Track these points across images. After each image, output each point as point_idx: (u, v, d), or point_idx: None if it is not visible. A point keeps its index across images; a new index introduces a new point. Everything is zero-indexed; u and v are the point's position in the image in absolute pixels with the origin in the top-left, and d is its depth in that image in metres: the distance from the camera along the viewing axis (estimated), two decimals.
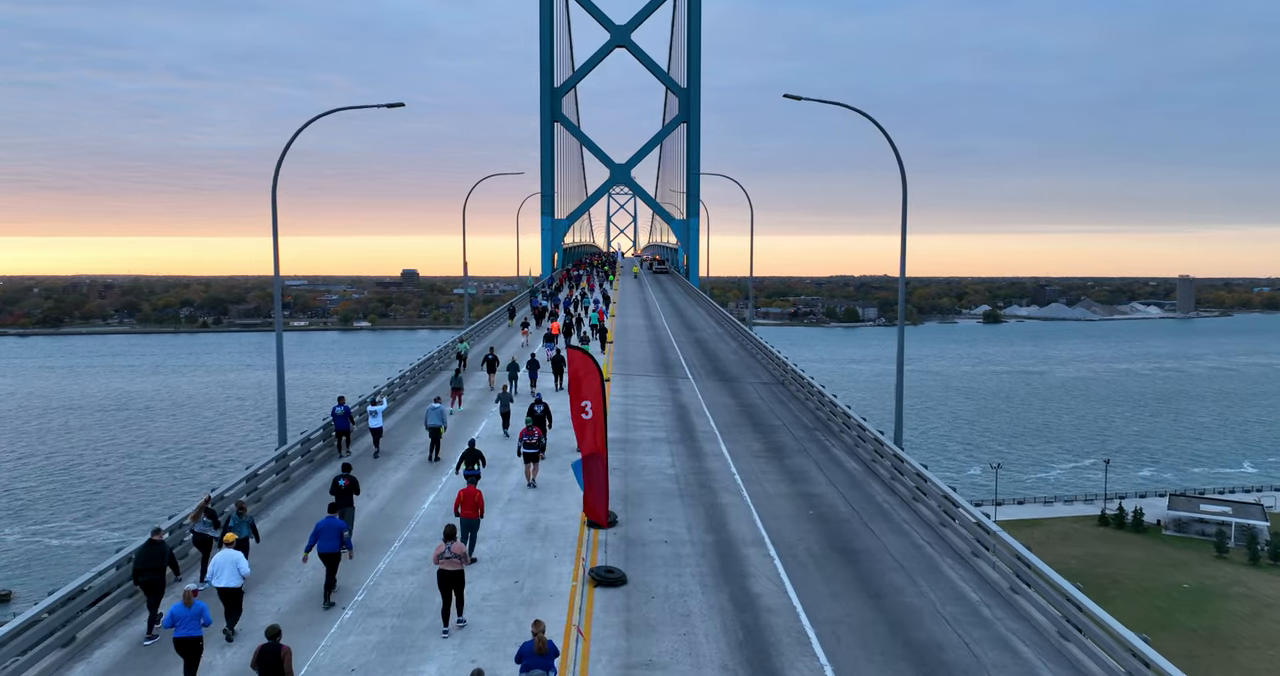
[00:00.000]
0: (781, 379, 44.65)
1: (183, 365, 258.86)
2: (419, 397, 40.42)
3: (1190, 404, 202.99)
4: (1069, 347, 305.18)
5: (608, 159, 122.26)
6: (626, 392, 40.96)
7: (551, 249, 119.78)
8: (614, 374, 45.68)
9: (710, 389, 42.46)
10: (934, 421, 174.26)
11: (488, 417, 35.98)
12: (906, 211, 30.51)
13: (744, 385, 43.76)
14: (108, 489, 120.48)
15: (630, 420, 35.13)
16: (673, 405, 38.44)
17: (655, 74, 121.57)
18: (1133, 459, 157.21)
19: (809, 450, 31.06)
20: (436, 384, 43.64)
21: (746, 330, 59.62)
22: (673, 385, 43.42)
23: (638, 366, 48.86)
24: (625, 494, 25.30)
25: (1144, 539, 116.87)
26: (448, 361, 49.94)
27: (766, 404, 39.08)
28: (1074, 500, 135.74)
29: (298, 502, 25.07)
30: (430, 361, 46.36)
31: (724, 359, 52.51)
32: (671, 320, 74.15)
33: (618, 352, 54.22)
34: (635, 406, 37.80)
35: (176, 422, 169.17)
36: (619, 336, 62.35)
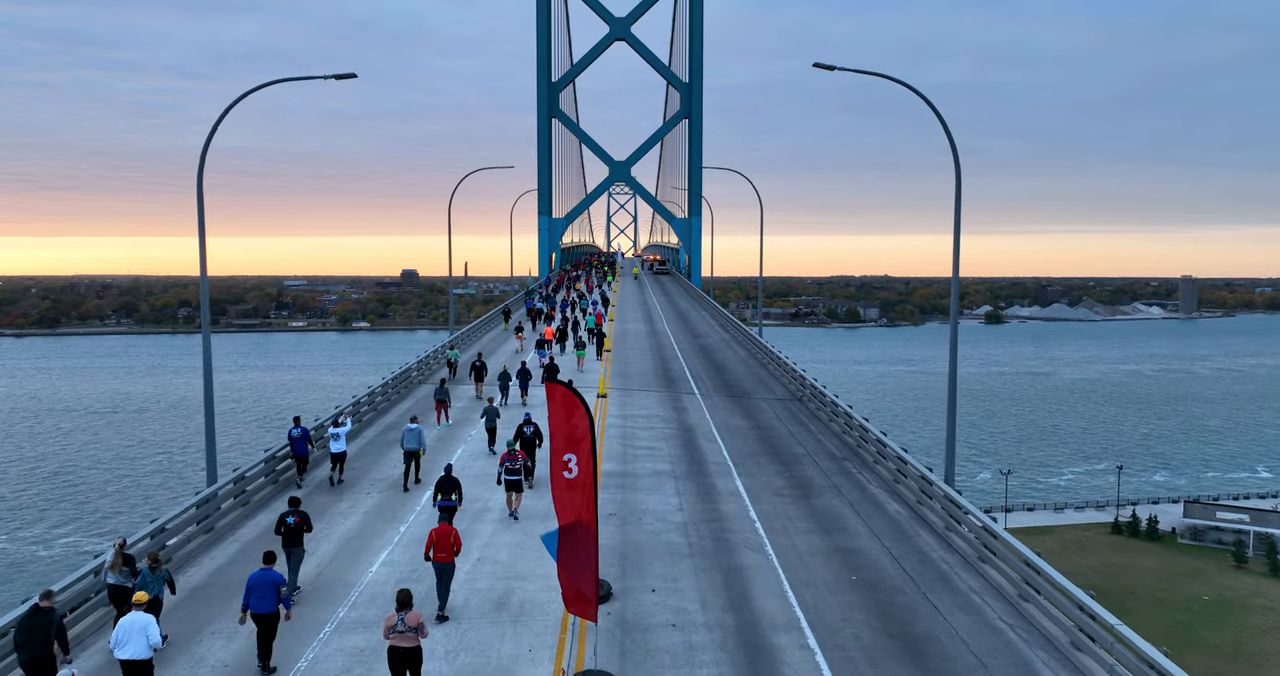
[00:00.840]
0: (799, 394, 39.69)
1: (179, 366, 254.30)
2: (390, 418, 35.41)
3: (1200, 406, 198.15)
4: (1073, 348, 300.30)
5: (607, 156, 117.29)
6: (625, 411, 36.00)
7: (549, 249, 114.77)
8: (611, 388, 40.74)
9: (719, 407, 37.47)
10: (940, 424, 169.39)
11: (473, 433, 31.94)
12: (960, 192, 25.58)
13: (757, 402, 38.78)
14: (99, 494, 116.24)
15: (629, 447, 30.16)
16: (678, 427, 33.45)
17: (656, 68, 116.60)
18: (1144, 463, 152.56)
19: (841, 488, 26.06)
20: (412, 401, 38.66)
21: (755, 337, 54.66)
22: (677, 402, 38.44)
23: (638, 379, 43.89)
24: (623, 551, 20.35)
25: (1159, 547, 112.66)
26: (428, 374, 45.02)
27: (785, 426, 34.07)
28: (1085, 506, 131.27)
29: (236, 548, 20.11)
30: (407, 374, 41.33)
31: (733, 370, 47.51)
32: (674, 324, 69.15)
33: (616, 362, 49.28)
34: (635, 429, 32.82)
35: (169, 425, 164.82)
36: (618, 342, 57.40)
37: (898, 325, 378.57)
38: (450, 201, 55.36)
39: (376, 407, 35.86)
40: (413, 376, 42.08)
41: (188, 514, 20.67)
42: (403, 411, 36.17)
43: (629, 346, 55.62)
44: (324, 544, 20.87)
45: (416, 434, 25.78)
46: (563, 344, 54.97)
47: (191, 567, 19.74)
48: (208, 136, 23.20)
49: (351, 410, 32.03)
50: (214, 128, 22.88)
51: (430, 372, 45.60)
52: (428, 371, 45.30)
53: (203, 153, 23.35)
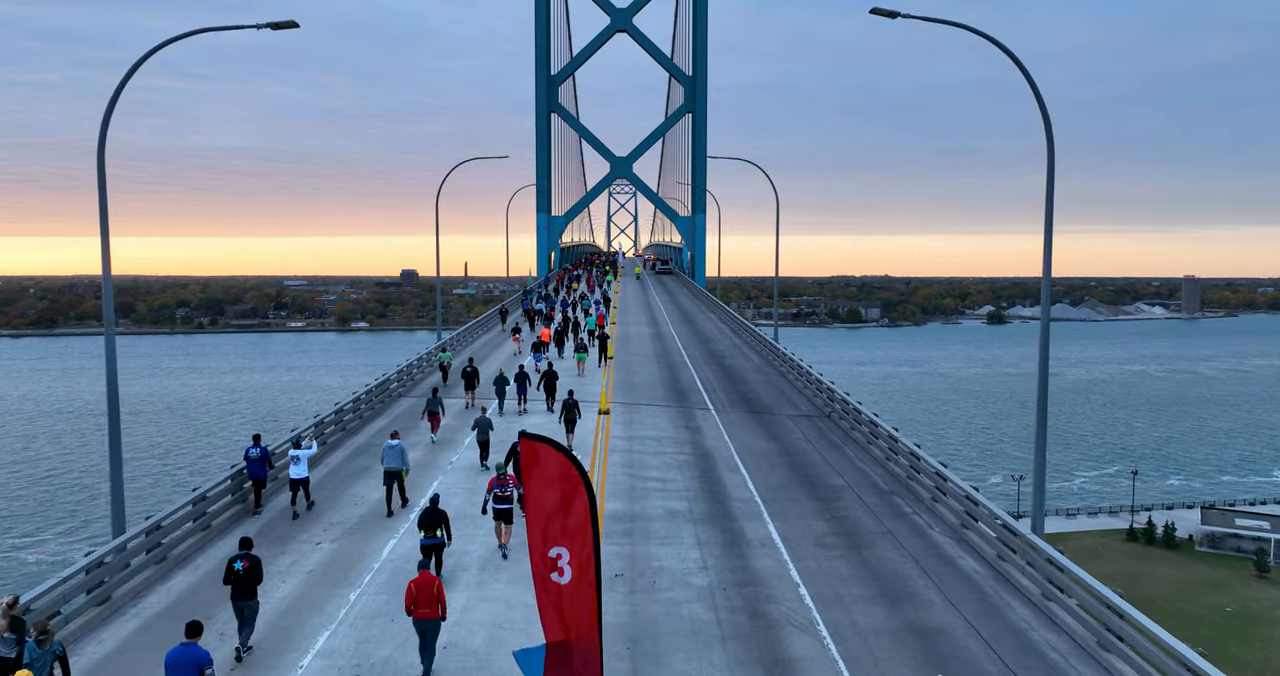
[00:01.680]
0: (827, 410, 34.79)
1: (176, 367, 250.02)
2: (360, 439, 30.49)
3: (1210, 408, 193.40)
4: (1077, 348, 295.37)
5: (608, 152, 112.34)
6: (631, 431, 31.09)
7: (548, 247, 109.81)
8: (615, 402, 35.86)
9: (738, 425, 32.55)
10: (948, 427, 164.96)
11: (464, 444, 28.44)
12: (1054, 168, 20.70)
13: (780, 419, 33.85)
14: (89, 497, 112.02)
15: (637, 479, 25.25)
16: (692, 452, 28.53)
17: (658, 60, 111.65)
18: (1158, 467, 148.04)
19: (896, 534, 21.13)
20: (389, 418, 33.76)
21: (770, 341, 49.76)
22: (690, 419, 33.52)
23: (644, 391, 38.97)
24: (633, 633, 15.47)
25: (1177, 555, 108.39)
26: (411, 385, 40.15)
27: (817, 450, 29.14)
28: (1098, 512, 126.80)
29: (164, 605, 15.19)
30: (385, 387, 36.39)
31: (748, 380, 42.57)
32: (680, 328, 64.19)
33: (620, 370, 44.39)
34: (643, 455, 27.91)
35: (165, 428, 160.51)
36: (621, 347, 52.51)
37: (899, 325, 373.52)
38: (438, 193, 50.52)
39: (346, 427, 30.95)
40: (391, 389, 37.15)
41: (77, 578, 15.85)
42: (378, 430, 31.29)
43: (633, 352, 50.72)
44: (265, 604, 15.98)
45: (398, 451, 22.26)
46: (561, 347, 50.40)
47: (88, 641, 14.97)
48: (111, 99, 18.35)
49: (313, 431, 27.16)
50: (120, 86, 18.01)
51: (414, 383, 40.73)
52: (411, 382, 40.42)
53: (103, 128, 18.47)
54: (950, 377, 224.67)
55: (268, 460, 22.28)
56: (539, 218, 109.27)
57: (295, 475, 22.01)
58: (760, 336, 53.53)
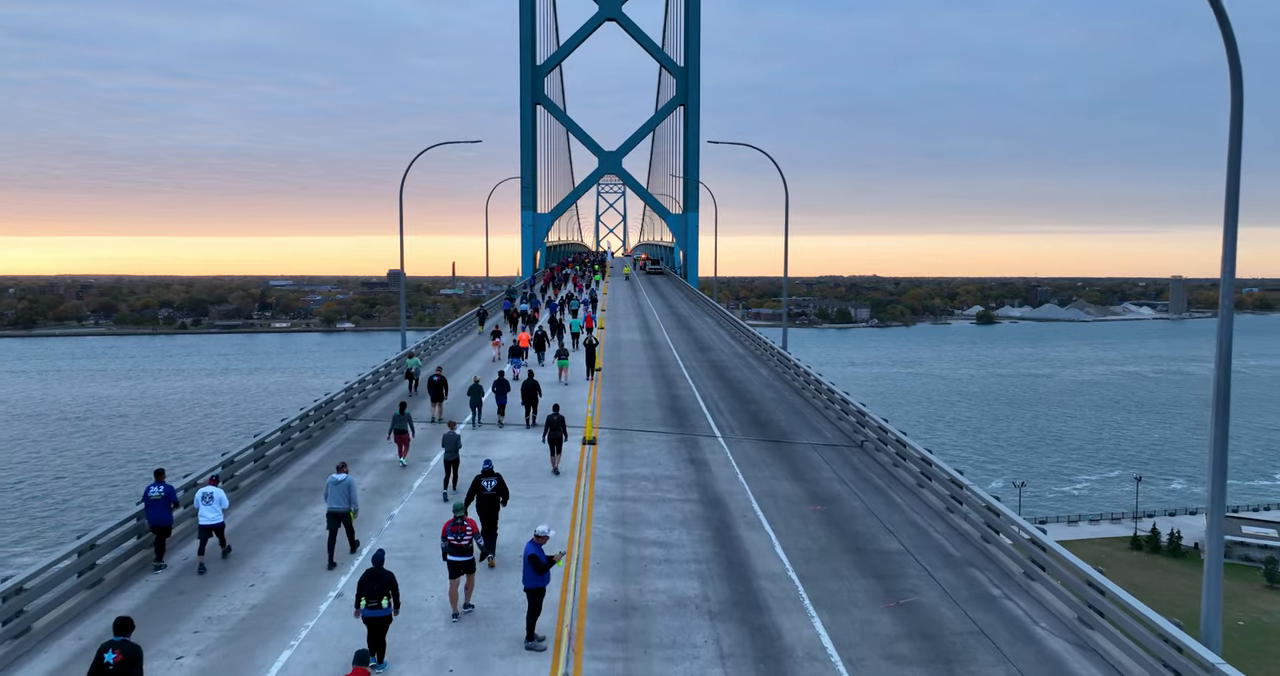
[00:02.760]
0: (858, 439, 28.72)
1: (157, 369, 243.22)
2: (284, 481, 24.23)
3: (1207, 410, 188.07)
4: (1069, 349, 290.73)
5: (596, 146, 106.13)
6: (623, 468, 24.93)
7: (533, 246, 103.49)
8: (603, 426, 29.74)
9: (753, 459, 26.41)
10: (945, 430, 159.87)
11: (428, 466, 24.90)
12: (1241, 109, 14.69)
13: (801, 450, 27.73)
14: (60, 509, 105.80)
15: (631, 542, 19.09)
16: (701, 498, 22.37)
17: (649, 50, 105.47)
18: (1159, 470, 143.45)
19: (994, 635, 15.00)
20: (328, 449, 27.52)
21: (780, 351, 43.66)
22: (694, 450, 27.36)
23: (638, 412, 32.79)
24: None
25: (1184, 565, 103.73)
26: (362, 405, 33.96)
27: (856, 494, 23.02)
28: (1100, 519, 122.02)
29: None
30: (328, 409, 30.10)
31: (758, 397, 36.41)
32: (675, 334, 58.01)
33: (609, 384, 38.26)
34: (639, 504, 21.74)
35: (144, 432, 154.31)
36: (610, 356, 46.39)
37: (889, 326, 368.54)
38: (403, 180, 44.23)
39: (269, 464, 24.68)
40: (336, 411, 30.86)
41: None
42: (310, 468, 25.09)
43: (624, 363, 44.54)
44: None
45: (345, 488, 18.11)
46: (541, 352, 44.91)
47: None
48: None
49: (221, 472, 21.02)
50: None
51: (368, 402, 34.53)
52: (364, 401, 34.20)
53: None
54: (945, 379, 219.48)
55: (172, 501, 17.96)
56: (524, 215, 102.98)
57: (206, 520, 17.63)
58: (766, 343, 47.47)
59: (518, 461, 25.47)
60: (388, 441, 26.38)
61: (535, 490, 22.48)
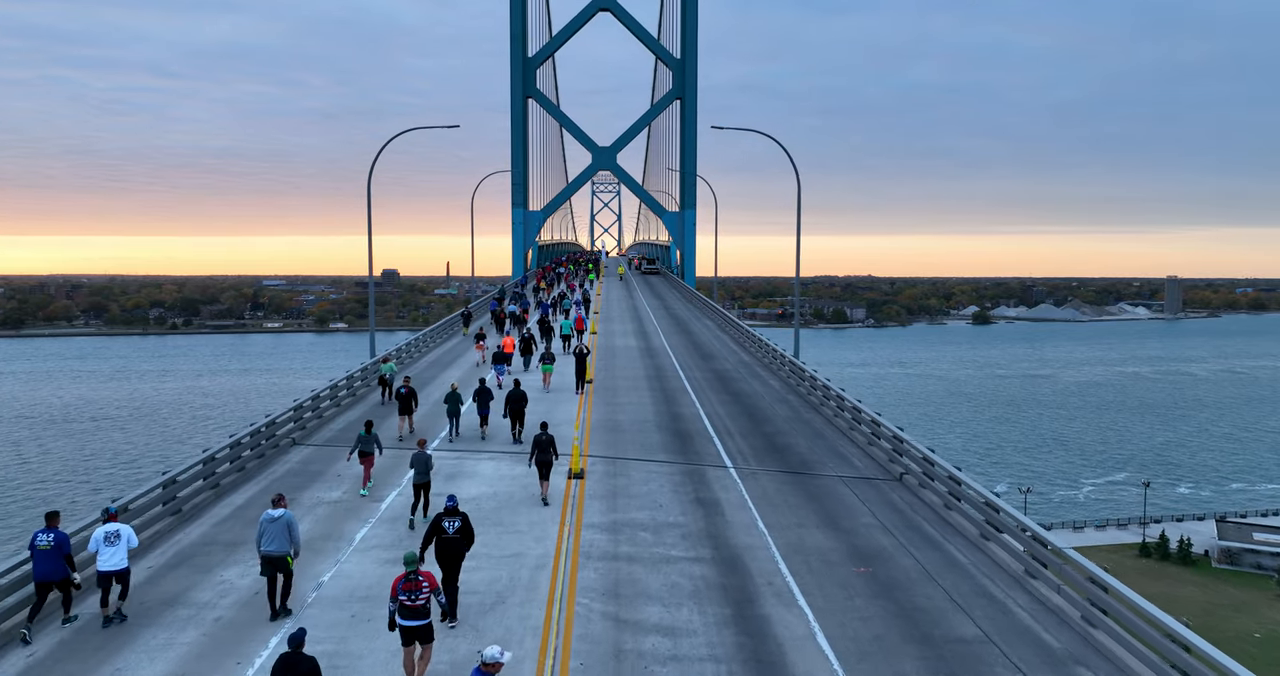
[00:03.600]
0: (897, 471, 24.01)
1: (146, 370, 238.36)
2: (199, 529, 19.45)
3: (1211, 412, 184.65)
4: (1066, 350, 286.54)
5: (590, 141, 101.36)
6: (616, 511, 20.16)
7: (524, 245, 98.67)
8: (594, 453, 25.01)
9: (774, 498, 21.65)
10: (946, 434, 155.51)
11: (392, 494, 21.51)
12: None
13: (829, 484, 22.99)
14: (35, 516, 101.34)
15: (626, 628, 14.30)
16: (714, 557, 17.57)
17: (644, 42, 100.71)
18: (1164, 474, 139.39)
19: None
20: (264, 483, 22.77)
21: (789, 358, 38.94)
22: (701, 486, 22.57)
23: (634, 435, 28.01)
24: None
25: (1194, 573, 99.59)
26: (316, 425, 29.18)
27: (907, 550, 18.19)
28: (1106, 525, 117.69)
29: None
30: (270, 433, 25.31)
31: (770, 415, 31.61)
32: (674, 339, 53.24)
33: (602, 400, 33.55)
34: (635, 565, 16.95)
35: (131, 435, 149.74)
36: (603, 364, 41.70)
37: (885, 326, 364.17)
38: (371, 171, 39.52)
39: (181, 507, 19.89)
40: (278, 435, 26.01)
41: None
42: (232, 512, 20.36)
43: (618, 374, 39.76)
44: None
45: (283, 526, 14.98)
46: (527, 357, 40.75)
47: None
48: None
49: (114, 507, 16.30)
50: None
51: (321, 422, 29.73)
52: (317, 420, 29.40)
53: None
54: (944, 380, 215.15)
55: (64, 553, 14.27)
56: (514, 212, 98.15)
57: (106, 566, 14.50)
58: (774, 350, 42.75)
59: (489, 500, 20.81)
60: (348, 463, 22.85)
61: (507, 545, 17.81)
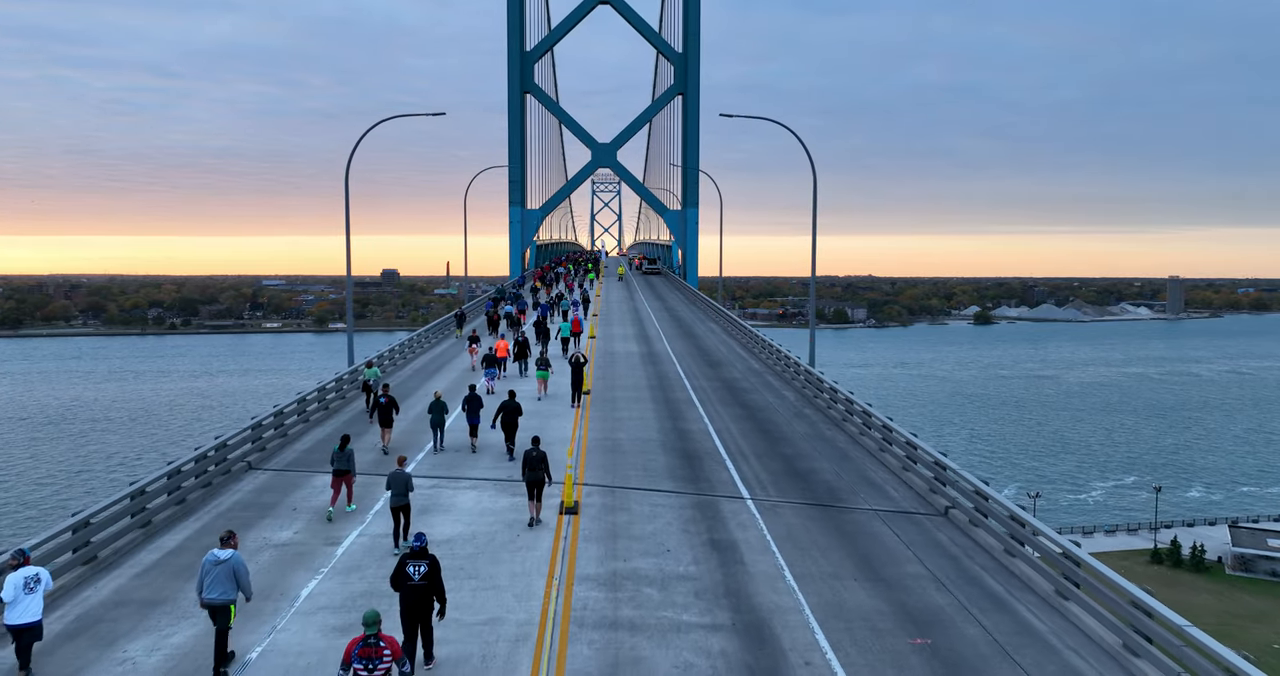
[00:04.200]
0: (937, 500, 20.68)
1: (143, 370, 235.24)
2: (112, 584, 16.10)
3: (1219, 414, 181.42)
4: (1070, 350, 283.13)
5: (589, 138, 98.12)
6: (616, 561, 16.73)
7: (521, 244, 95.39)
8: (590, 480, 21.68)
9: (800, 537, 18.27)
10: (952, 435, 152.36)
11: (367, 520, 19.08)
12: None
13: (864, 520, 19.64)
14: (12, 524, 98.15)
15: None
16: (734, 625, 14.15)
17: (645, 35, 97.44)
18: (1174, 477, 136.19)
19: None
20: (206, 519, 19.44)
21: (804, 366, 35.60)
22: (715, 524, 19.14)
23: (636, 457, 24.64)
24: None
25: (1209, 581, 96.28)
26: (278, 446, 25.82)
27: (967, 609, 14.80)
28: (1116, 530, 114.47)
29: None
30: (222, 453, 21.96)
31: (788, 432, 28.14)
32: (677, 344, 49.89)
33: (600, 414, 30.20)
34: (638, 637, 13.48)
35: (127, 438, 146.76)
36: (602, 372, 38.40)
37: (887, 326, 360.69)
38: (349, 164, 36.25)
39: (99, 556, 16.58)
40: (230, 459, 22.63)
41: None
42: (161, 558, 17.04)
43: (619, 383, 36.40)
44: None
45: (229, 570, 12.48)
46: (523, 362, 37.57)
47: None
48: None
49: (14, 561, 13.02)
50: None
51: (285, 440, 26.40)
52: (281, 439, 26.07)
53: None
54: (947, 380, 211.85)
55: None
56: (511, 211, 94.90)
57: (17, 619, 12.00)
58: (787, 356, 39.39)
59: (465, 543, 17.48)
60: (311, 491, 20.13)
61: (482, 607, 14.46)
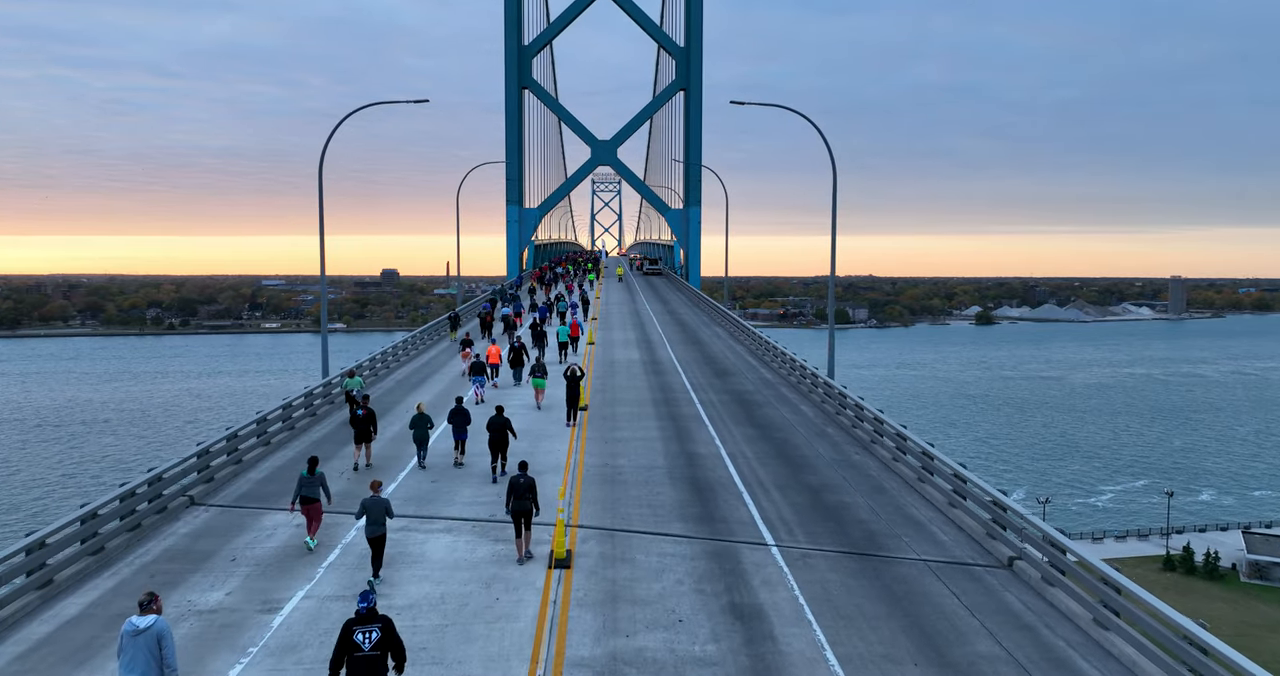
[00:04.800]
0: (999, 546, 17.35)
1: (141, 371, 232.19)
2: (37, 631, 12.79)
3: (1227, 416, 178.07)
4: (1073, 351, 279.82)
5: (589, 134, 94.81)
6: (616, 638, 13.33)
7: (519, 244, 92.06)
8: (585, 522, 18.37)
9: (840, 603, 14.94)
10: (958, 437, 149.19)
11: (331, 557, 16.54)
12: None
13: (914, 575, 16.29)
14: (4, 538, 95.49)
15: None
16: None
17: (646, 29, 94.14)
18: (1184, 481, 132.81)
19: None
20: (126, 572, 16.09)
21: (823, 378, 32.22)
22: (736, 584, 15.72)
23: (638, 490, 21.29)
24: None
25: (1223, 589, 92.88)
26: (224, 478, 22.47)
27: None
28: (1126, 535, 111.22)
29: None
30: (157, 487, 18.55)
31: (811, 458, 24.64)
32: (681, 350, 46.49)
33: (599, 435, 26.82)
34: None
35: (123, 440, 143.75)
36: (602, 384, 35.05)
37: (888, 326, 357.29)
38: (321, 159, 33.04)
39: None
40: (165, 498, 19.14)
41: None
42: (56, 630, 13.72)
43: (619, 397, 33.00)
44: None
45: (150, 642, 9.99)
46: (518, 370, 34.45)
47: None
48: None
49: None
50: None
51: (239, 470, 23.07)
52: (235, 464, 22.73)
53: None
54: (951, 381, 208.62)
55: None
56: (509, 210, 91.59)
57: None
58: (802, 366, 36.00)
59: (431, 609, 14.19)
60: (290, 515, 17.49)
61: None
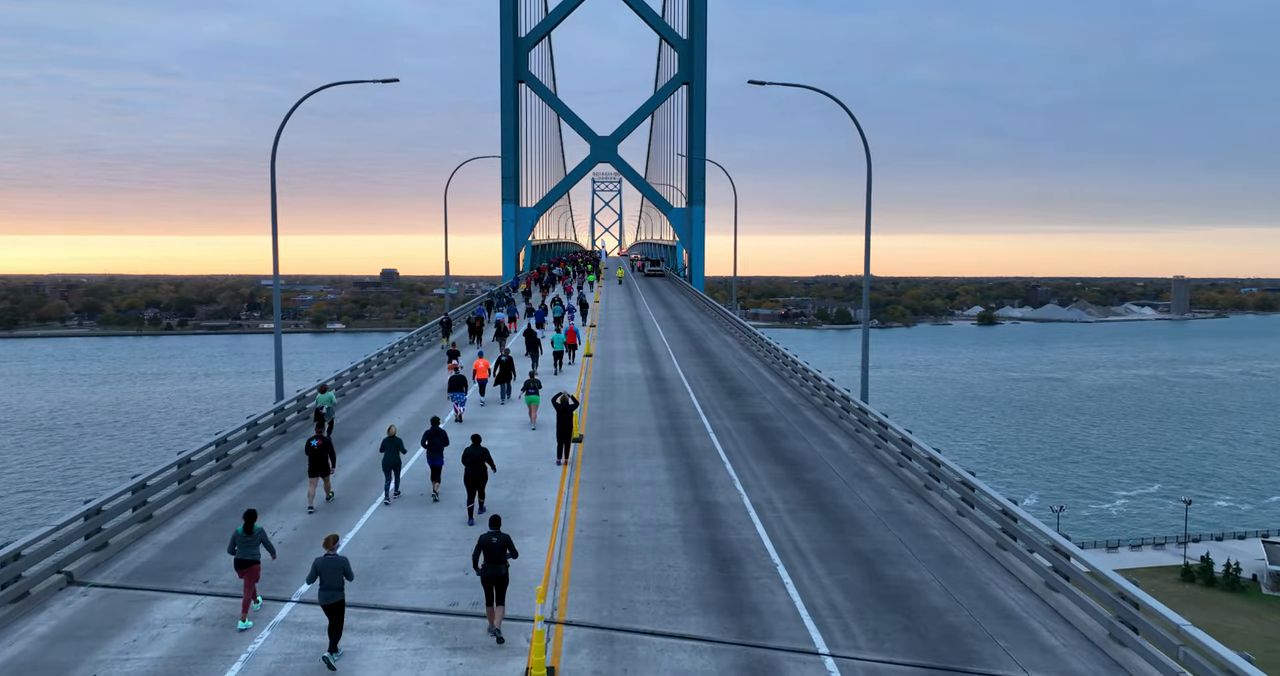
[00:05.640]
0: (1127, 655, 12.77)
1: (138, 372, 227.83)
2: None
3: (1239, 418, 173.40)
4: (1077, 351, 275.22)
5: (588, 130, 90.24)
6: None
7: (515, 244, 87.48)
8: (572, 616, 13.82)
9: None
10: (965, 440, 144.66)
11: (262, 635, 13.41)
12: None
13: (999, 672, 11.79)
14: None
15: None
16: None
17: (648, 20, 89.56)
18: (1200, 486, 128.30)
19: None
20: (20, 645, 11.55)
21: (856, 402, 27.58)
22: None
23: (644, 559, 16.64)
24: None
25: (1245, 601, 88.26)
26: (128, 541, 17.82)
27: None
28: (1142, 544, 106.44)
29: None
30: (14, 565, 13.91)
31: (852, 508, 19.99)
32: (688, 363, 41.74)
33: (596, 477, 22.19)
34: None
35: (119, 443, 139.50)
36: (599, 406, 30.41)
37: (890, 327, 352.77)
38: (274, 153, 28.55)
39: None
40: (26, 581, 14.39)
41: None
42: None
43: (619, 423, 28.28)
44: None
45: None
46: (505, 386, 30.20)
47: None
48: None
49: None
50: None
51: (148, 529, 18.43)
52: (139, 523, 18.10)
53: None
54: (956, 383, 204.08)
55: None
56: (504, 209, 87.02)
57: None
58: (828, 385, 31.31)
59: None
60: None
61: None
